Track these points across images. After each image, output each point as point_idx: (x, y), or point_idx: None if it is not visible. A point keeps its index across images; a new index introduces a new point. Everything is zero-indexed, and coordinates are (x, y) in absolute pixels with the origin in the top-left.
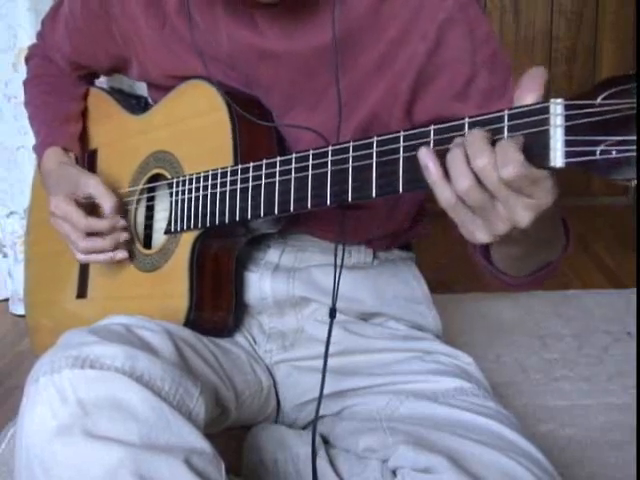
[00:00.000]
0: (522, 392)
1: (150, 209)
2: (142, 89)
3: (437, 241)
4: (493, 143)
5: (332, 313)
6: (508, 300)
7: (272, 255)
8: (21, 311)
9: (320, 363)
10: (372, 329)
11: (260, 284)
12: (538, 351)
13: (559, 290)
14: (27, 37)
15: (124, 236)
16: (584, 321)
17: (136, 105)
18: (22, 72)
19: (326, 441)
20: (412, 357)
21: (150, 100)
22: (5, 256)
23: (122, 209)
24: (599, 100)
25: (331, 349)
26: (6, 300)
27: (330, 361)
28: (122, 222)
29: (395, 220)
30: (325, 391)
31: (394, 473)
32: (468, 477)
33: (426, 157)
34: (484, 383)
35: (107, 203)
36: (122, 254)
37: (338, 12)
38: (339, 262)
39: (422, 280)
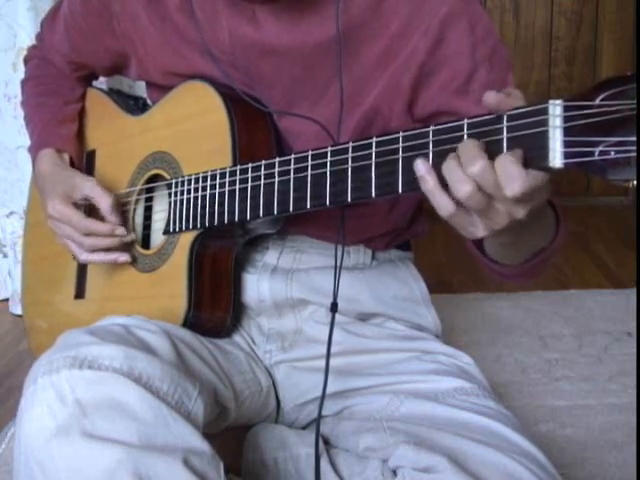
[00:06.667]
0: (522, 392)
1: (148, 209)
2: (142, 90)
3: (436, 241)
4: (489, 153)
5: (334, 307)
6: (508, 300)
7: (270, 257)
8: (21, 311)
9: (319, 363)
10: (371, 329)
11: (258, 286)
12: (538, 351)
13: (559, 290)
14: (27, 37)
15: (129, 237)
16: (584, 321)
17: (134, 106)
18: (22, 72)
19: (326, 441)
20: (412, 357)
21: (149, 100)
22: (5, 256)
23: (120, 209)
24: (598, 101)
25: (331, 349)
26: (6, 300)
27: (330, 362)
28: (121, 229)
29: (394, 219)
30: (326, 392)
31: (394, 473)
32: (468, 477)
33: (422, 168)
34: (484, 383)
35: (104, 202)
36: (125, 257)
37: (341, 6)
38: (339, 255)
39: (421, 280)
